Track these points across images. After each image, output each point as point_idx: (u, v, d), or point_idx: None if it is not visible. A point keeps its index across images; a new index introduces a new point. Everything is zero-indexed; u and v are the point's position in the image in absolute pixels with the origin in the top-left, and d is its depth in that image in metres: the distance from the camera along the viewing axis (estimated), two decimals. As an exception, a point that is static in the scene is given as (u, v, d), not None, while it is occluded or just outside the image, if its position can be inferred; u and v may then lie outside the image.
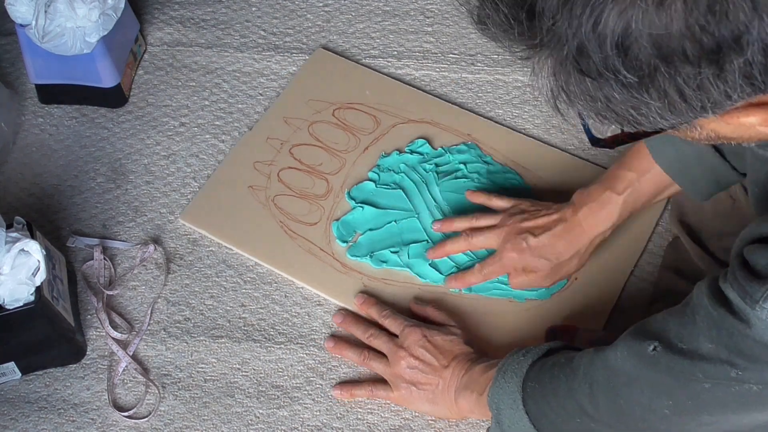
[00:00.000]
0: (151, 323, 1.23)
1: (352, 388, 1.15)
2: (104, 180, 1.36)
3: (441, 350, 1.11)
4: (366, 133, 1.37)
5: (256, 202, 1.31)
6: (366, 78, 1.43)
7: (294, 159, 1.35)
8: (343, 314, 1.20)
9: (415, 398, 1.11)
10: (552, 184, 1.31)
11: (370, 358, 1.15)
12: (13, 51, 1.49)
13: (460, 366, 1.08)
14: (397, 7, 1.53)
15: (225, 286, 1.25)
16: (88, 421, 1.16)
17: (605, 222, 1.13)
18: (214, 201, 1.31)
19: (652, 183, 1.10)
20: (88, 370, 1.20)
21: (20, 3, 1.32)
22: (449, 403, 1.09)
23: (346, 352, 1.17)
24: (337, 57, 1.46)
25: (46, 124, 1.42)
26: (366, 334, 1.16)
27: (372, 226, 1.27)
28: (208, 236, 1.29)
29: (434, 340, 1.11)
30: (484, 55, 1.46)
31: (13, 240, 1.11)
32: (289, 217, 1.29)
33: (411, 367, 1.10)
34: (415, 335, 1.12)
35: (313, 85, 1.43)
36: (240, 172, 1.34)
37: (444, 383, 1.09)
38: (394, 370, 1.12)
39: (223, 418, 1.15)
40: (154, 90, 1.45)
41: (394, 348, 1.12)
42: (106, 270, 1.27)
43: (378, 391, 1.14)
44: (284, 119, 1.39)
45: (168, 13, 1.53)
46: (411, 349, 1.11)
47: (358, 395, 1.15)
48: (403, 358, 1.11)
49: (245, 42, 1.50)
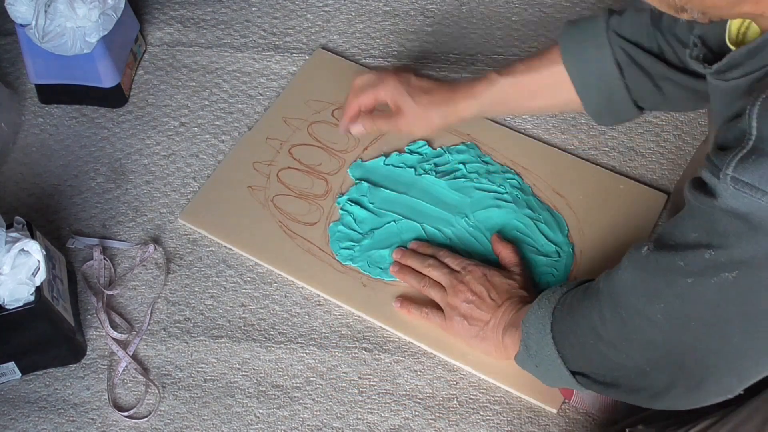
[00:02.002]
0: (151, 323, 1.23)
1: (410, 305, 1.19)
2: (104, 180, 1.36)
3: (498, 290, 1.13)
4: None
5: (256, 202, 1.31)
6: None
7: (293, 159, 1.35)
8: (402, 250, 1.23)
9: (465, 332, 1.14)
10: (552, 185, 1.31)
11: (430, 285, 1.18)
12: (13, 51, 1.49)
13: (513, 306, 1.11)
14: (397, 7, 1.53)
15: (225, 286, 1.26)
16: (88, 421, 1.16)
17: (478, 94, 1.17)
18: (214, 201, 1.32)
19: (537, 82, 1.14)
20: (88, 370, 1.20)
21: (20, 3, 1.32)
22: (497, 341, 1.12)
23: (407, 276, 1.21)
24: (336, 57, 1.46)
25: (46, 124, 1.42)
26: (425, 264, 1.20)
27: (372, 227, 1.27)
28: (208, 236, 1.29)
29: (493, 279, 1.14)
30: (484, 55, 1.47)
31: (13, 240, 1.11)
32: (288, 217, 1.29)
33: (467, 302, 1.13)
34: (477, 273, 1.15)
35: (312, 85, 1.43)
36: (239, 173, 1.34)
37: (495, 321, 1.12)
38: (451, 301, 1.15)
39: (223, 418, 1.15)
40: (154, 90, 1.45)
41: (454, 281, 1.16)
42: (106, 270, 1.27)
43: (433, 316, 1.17)
44: (283, 119, 1.39)
45: (168, 13, 1.53)
46: (471, 284, 1.14)
47: (414, 314, 1.19)
48: (461, 292, 1.14)
49: (245, 42, 1.50)
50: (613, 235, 1.25)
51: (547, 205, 1.29)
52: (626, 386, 0.93)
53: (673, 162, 1.33)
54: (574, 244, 1.25)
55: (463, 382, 1.17)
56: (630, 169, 1.33)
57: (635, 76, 1.07)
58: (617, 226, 1.26)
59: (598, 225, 1.27)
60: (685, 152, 1.34)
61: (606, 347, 0.92)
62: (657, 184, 1.31)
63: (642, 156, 1.34)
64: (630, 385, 0.93)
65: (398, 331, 1.20)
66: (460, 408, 1.15)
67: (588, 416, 1.13)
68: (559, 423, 1.13)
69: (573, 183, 1.31)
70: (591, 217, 1.27)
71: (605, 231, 1.26)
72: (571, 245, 1.25)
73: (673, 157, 1.33)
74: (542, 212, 1.27)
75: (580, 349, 0.96)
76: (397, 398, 1.16)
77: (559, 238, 1.25)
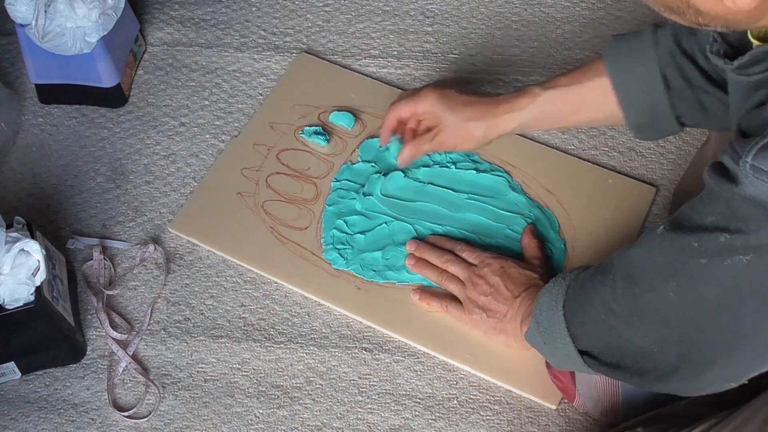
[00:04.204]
0: (151, 323, 1.23)
1: (430, 297, 1.20)
2: (104, 180, 1.36)
3: (515, 282, 1.14)
4: (352, 135, 1.36)
5: (246, 208, 1.30)
6: (350, 81, 1.43)
7: (281, 164, 1.34)
8: (416, 242, 1.23)
9: (484, 324, 1.14)
10: (541, 182, 1.30)
11: (448, 279, 1.19)
12: (13, 51, 1.49)
13: (531, 297, 1.11)
14: (397, 7, 1.53)
15: (225, 286, 1.25)
16: (88, 421, 1.16)
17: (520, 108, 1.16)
18: (203, 209, 1.31)
19: (580, 95, 1.14)
20: (88, 370, 1.20)
21: (20, 3, 1.32)
22: (515, 332, 1.12)
23: (426, 270, 1.21)
24: (320, 61, 1.46)
25: (46, 124, 1.42)
26: (442, 259, 1.20)
27: (364, 229, 1.27)
28: (199, 245, 1.28)
29: (510, 271, 1.15)
30: (484, 55, 1.47)
31: (13, 240, 1.11)
32: (279, 222, 1.28)
33: (485, 294, 1.14)
34: (494, 265, 1.16)
35: (297, 89, 1.42)
36: (228, 180, 1.33)
37: (512, 312, 1.12)
38: (470, 295, 1.15)
39: (223, 418, 1.15)
40: (154, 90, 1.45)
41: (472, 275, 1.16)
42: (105, 270, 1.27)
43: (453, 309, 1.18)
44: (270, 125, 1.38)
45: (168, 13, 1.53)
46: (488, 277, 1.15)
47: (434, 307, 1.19)
48: (479, 285, 1.15)
49: (245, 42, 1.50)
50: (604, 230, 1.26)
51: (537, 203, 1.28)
52: (632, 368, 0.93)
53: (673, 162, 1.33)
54: (566, 241, 1.25)
55: (463, 382, 1.17)
56: (630, 169, 1.33)
57: (680, 91, 1.06)
58: (608, 221, 1.27)
59: (588, 220, 1.27)
60: (686, 152, 1.34)
61: (617, 322, 0.92)
62: (645, 177, 1.32)
63: (642, 156, 1.34)
64: (636, 366, 0.93)
65: (396, 333, 1.20)
66: (460, 408, 1.15)
67: (588, 416, 1.13)
68: (559, 423, 1.13)
69: (562, 179, 1.31)
70: (581, 212, 1.28)
71: (596, 226, 1.26)
72: (563, 242, 1.25)
73: (673, 157, 1.33)
74: (533, 210, 1.27)
75: (590, 325, 0.96)
76: (397, 398, 1.16)
77: (551, 235, 1.25)
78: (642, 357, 0.91)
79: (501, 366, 1.16)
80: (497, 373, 1.16)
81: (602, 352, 0.96)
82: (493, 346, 1.16)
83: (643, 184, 1.31)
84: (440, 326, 1.19)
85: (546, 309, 1.01)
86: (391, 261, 1.24)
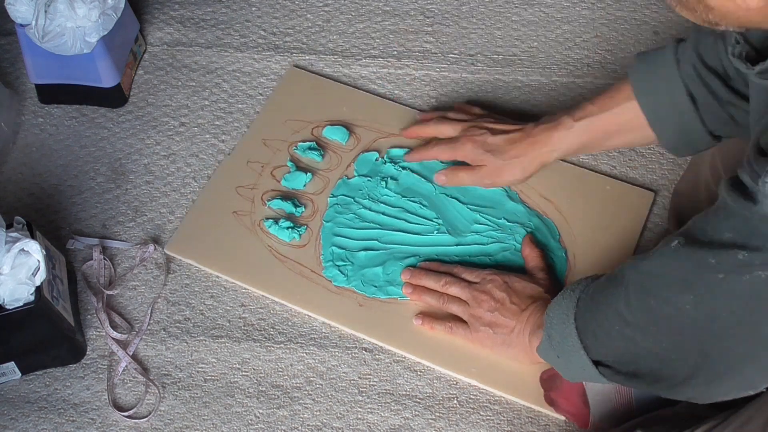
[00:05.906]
0: (151, 323, 1.23)
1: (433, 321, 1.18)
2: (104, 180, 1.36)
3: (519, 295, 1.13)
4: (347, 150, 1.35)
5: (242, 227, 1.28)
6: (342, 94, 1.41)
7: (276, 181, 1.32)
8: (411, 270, 1.22)
9: (492, 340, 1.14)
10: (539, 190, 1.30)
11: (450, 301, 1.18)
12: (13, 51, 1.49)
13: (538, 310, 1.10)
14: (397, 7, 1.53)
15: (225, 285, 1.25)
16: (88, 421, 1.16)
17: (556, 143, 1.19)
18: (199, 230, 1.29)
19: (611, 121, 1.15)
20: (88, 370, 1.20)
21: (20, 3, 1.32)
22: (524, 345, 1.11)
23: (425, 296, 1.19)
24: (310, 75, 1.44)
25: (46, 124, 1.42)
26: (441, 282, 1.19)
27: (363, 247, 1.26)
28: (197, 266, 1.27)
29: (515, 286, 1.14)
30: (484, 55, 1.47)
31: (13, 240, 1.11)
32: (276, 240, 1.27)
33: (491, 310, 1.13)
34: (497, 281, 1.15)
35: (288, 104, 1.40)
36: (223, 199, 1.31)
37: (520, 326, 1.11)
38: (475, 312, 1.15)
39: (223, 418, 1.15)
40: (154, 90, 1.45)
41: (475, 292, 1.15)
42: (105, 270, 1.27)
43: (457, 329, 1.17)
44: (263, 141, 1.36)
45: (168, 13, 1.53)
46: (492, 292, 1.14)
47: (438, 329, 1.18)
48: (484, 301, 1.14)
49: (245, 42, 1.50)
50: (604, 237, 1.25)
51: (536, 211, 1.27)
52: (649, 375, 0.93)
53: (674, 162, 1.33)
54: (566, 249, 1.24)
55: (463, 381, 1.17)
56: (630, 169, 1.33)
57: (709, 107, 1.06)
58: (607, 228, 1.26)
59: (588, 228, 1.26)
60: (685, 152, 1.34)
61: (632, 331, 0.91)
62: (645, 178, 1.32)
63: (642, 156, 1.34)
64: (653, 374, 0.92)
65: (401, 350, 1.18)
66: (460, 408, 1.15)
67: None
68: (559, 423, 1.13)
69: (559, 187, 1.30)
70: (580, 220, 1.27)
71: (596, 233, 1.26)
72: (564, 250, 1.24)
73: (673, 157, 1.33)
74: (532, 218, 1.27)
75: (604, 336, 0.95)
76: (397, 398, 1.16)
77: (552, 244, 1.25)
78: (658, 365, 0.91)
79: (507, 379, 1.15)
80: (504, 386, 1.15)
81: (617, 360, 0.95)
82: (499, 359, 1.15)
83: (642, 189, 1.30)
84: (445, 340, 1.18)
85: (557, 322, 1.00)
86: (392, 276, 1.23)
